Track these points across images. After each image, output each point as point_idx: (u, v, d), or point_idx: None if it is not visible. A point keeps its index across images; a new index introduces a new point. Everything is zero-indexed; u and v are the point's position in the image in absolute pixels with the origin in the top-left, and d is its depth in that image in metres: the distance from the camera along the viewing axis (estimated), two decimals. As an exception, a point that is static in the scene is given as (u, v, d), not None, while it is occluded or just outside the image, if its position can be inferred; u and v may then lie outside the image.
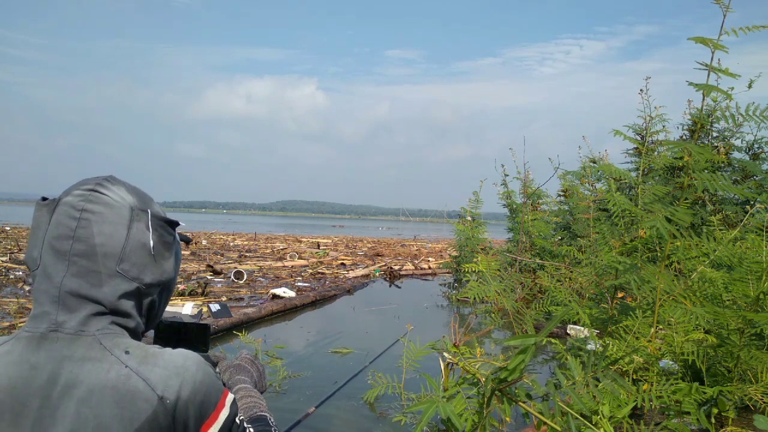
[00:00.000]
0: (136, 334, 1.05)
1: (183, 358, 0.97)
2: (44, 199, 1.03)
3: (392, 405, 4.01)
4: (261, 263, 13.96)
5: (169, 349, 0.99)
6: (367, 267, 14.43)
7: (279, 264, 14.09)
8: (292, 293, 8.71)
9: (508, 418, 1.60)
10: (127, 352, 0.94)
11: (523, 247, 8.74)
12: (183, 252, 16.33)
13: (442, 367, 2.35)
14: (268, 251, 18.40)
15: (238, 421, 1.02)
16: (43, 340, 0.95)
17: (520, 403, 1.50)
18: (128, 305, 1.01)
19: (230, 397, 1.01)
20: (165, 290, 1.13)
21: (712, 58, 2.41)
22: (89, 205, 0.99)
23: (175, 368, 0.94)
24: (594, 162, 8.62)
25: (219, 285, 9.78)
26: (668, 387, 2.66)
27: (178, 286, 8.94)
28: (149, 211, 1.06)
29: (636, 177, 3.73)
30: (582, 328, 3.95)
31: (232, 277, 10.33)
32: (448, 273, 13.63)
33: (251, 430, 1.07)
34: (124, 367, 0.92)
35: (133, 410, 0.89)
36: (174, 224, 1.12)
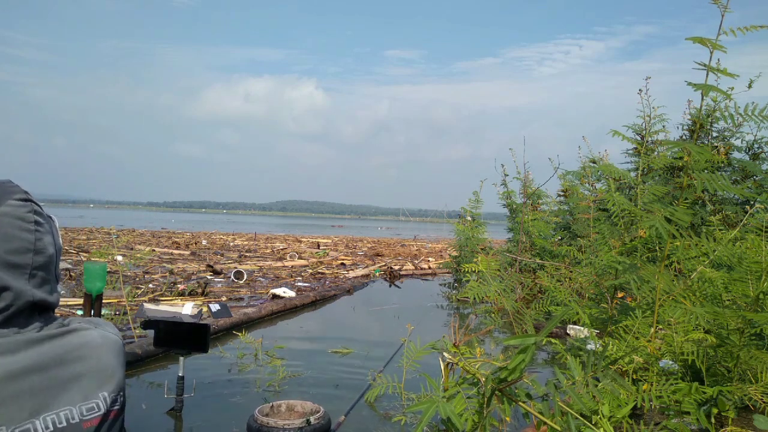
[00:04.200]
0: None
1: (103, 320, 1.19)
2: None
3: (393, 405, 4.01)
4: (261, 263, 13.96)
5: (85, 319, 1.17)
6: (367, 267, 14.43)
7: (279, 264, 14.09)
8: (292, 293, 8.71)
9: (508, 418, 1.60)
10: (80, 323, 1.11)
11: (523, 247, 8.74)
12: (183, 252, 16.34)
13: (442, 367, 2.35)
14: (268, 251, 18.40)
15: None
16: (13, 335, 0.99)
17: (520, 403, 1.50)
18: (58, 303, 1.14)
19: None
20: None
21: (710, 58, 2.41)
22: (37, 217, 1.03)
23: (113, 326, 1.17)
24: (594, 162, 8.63)
25: (219, 285, 9.78)
26: (668, 387, 2.67)
27: (178, 286, 8.94)
28: (53, 216, 1.15)
29: (635, 177, 3.73)
30: (582, 328, 3.95)
31: (232, 277, 10.33)
32: (448, 273, 13.63)
33: None
34: (95, 328, 1.10)
35: (119, 353, 1.10)
36: None
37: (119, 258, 9.70)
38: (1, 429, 0.93)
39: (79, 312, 6.29)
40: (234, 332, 5.98)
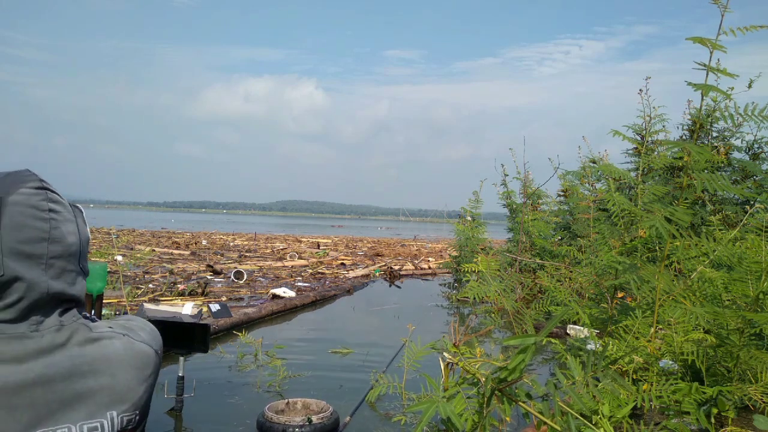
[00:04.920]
0: None
1: (143, 321, 1.15)
2: None
3: (394, 405, 4.01)
4: (261, 263, 13.96)
5: (122, 320, 1.13)
6: (367, 267, 14.43)
7: (279, 264, 14.09)
8: (292, 293, 8.71)
9: (508, 418, 1.60)
10: (110, 327, 1.05)
11: (523, 247, 8.74)
12: (183, 252, 16.34)
13: (442, 367, 2.35)
14: (268, 251, 18.40)
15: None
16: (25, 338, 0.94)
17: (520, 403, 1.50)
18: (84, 296, 1.09)
19: None
20: None
21: (710, 58, 2.41)
22: (53, 205, 0.98)
23: (147, 327, 1.13)
24: (594, 162, 8.63)
25: (219, 285, 9.78)
26: (668, 387, 2.67)
27: (178, 286, 8.94)
28: (80, 207, 1.10)
29: (635, 177, 3.73)
30: (582, 328, 3.95)
31: (232, 277, 10.33)
32: (448, 273, 13.63)
33: None
34: (123, 336, 1.04)
35: (144, 367, 1.04)
36: None
37: (119, 258, 9.70)
38: None
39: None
40: (234, 332, 5.98)
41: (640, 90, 3.68)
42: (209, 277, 10.58)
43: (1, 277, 0.94)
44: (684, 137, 7.31)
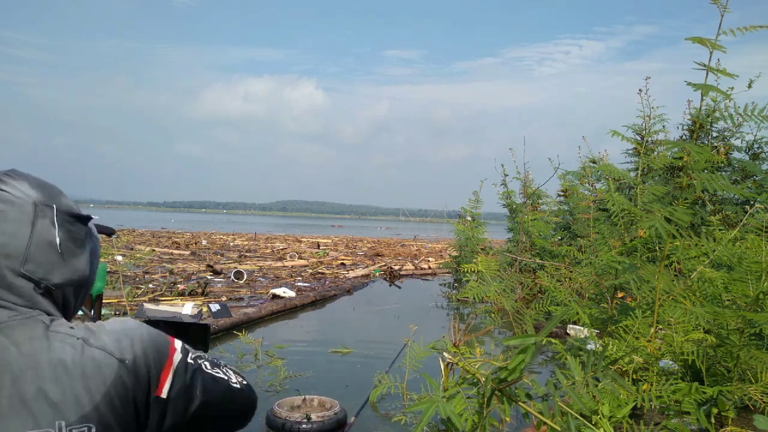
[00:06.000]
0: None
1: (122, 322, 0.98)
2: None
3: (395, 405, 4.01)
4: (261, 263, 13.96)
5: (105, 321, 1.00)
6: (367, 267, 14.42)
7: (279, 264, 14.09)
8: (292, 293, 8.70)
9: (508, 418, 1.60)
10: (72, 328, 0.93)
11: (523, 247, 8.74)
12: (183, 252, 16.32)
13: (442, 367, 2.36)
14: (268, 251, 18.39)
15: (191, 360, 1.01)
16: None
17: (520, 403, 1.50)
18: (41, 302, 0.96)
19: (178, 341, 1.02)
20: (80, 288, 1.07)
21: (710, 59, 2.41)
22: None
23: (123, 331, 0.95)
24: (594, 162, 8.63)
25: (219, 285, 9.78)
26: (668, 387, 2.66)
27: (178, 286, 8.93)
28: (54, 206, 0.99)
29: (635, 177, 3.73)
30: (582, 328, 3.95)
31: (232, 277, 10.33)
32: (448, 273, 13.63)
33: (206, 363, 1.04)
34: (77, 340, 0.91)
35: (97, 378, 0.89)
36: (85, 219, 1.06)
37: (119, 258, 9.70)
38: None
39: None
40: (234, 332, 5.98)
41: (640, 90, 3.68)
42: (209, 277, 10.58)
43: None
44: (684, 137, 7.31)
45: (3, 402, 0.87)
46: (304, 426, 2.97)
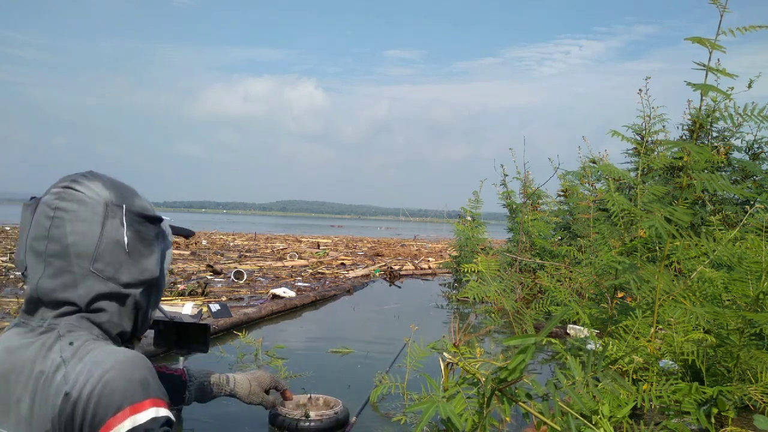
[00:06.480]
0: (112, 333, 1.00)
1: (106, 354, 0.88)
2: (33, 198, 1.01)
3: (395, 405, 4.01)
4: (261, 263, 13.96)
5: (110, 347, 0.92)
6: (367, 267, 14.43)
7: (279, 264, 14.09)
8: (292, 293, 8.71)
9: (508, 418, 1.60)
10: (70, 344, 0.90)
11: (523, 247, 8.74)
12: (183, 252, 16.30)
13: (442, 367, 2.36)
14: (268, 251, 18.40)
15: None
16: (24, 332, 0.95)
17: (520, 403, 1.50)
18: (104, 305, 0.97)
19: (142, 415, 0.83)
20: (150, 289, 1.07)
21: (710, 59, 2.41)
22: (62, 203, 0.96)
23: (92, 363, 0.87)
24: (594, 162, 8.63)
25: (219, 285, 9.78)
26: (668, 387, 2.67)
27: (178, 286, 8.93)
28: (124, 206, 1.01)
29: (635, 177, 3.73)
30: (582, 328, 3.95)
31: (232, 277, 10.33)
32: (448, 273, 13.63)
33: None
34: (59, 357, 0.89)
35: (49, 403, 0.86)
36: (155, 220, 1.07)
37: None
38: None
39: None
40: (234, 332, 5.98)
41: (640, 90, 3.68)
42: (209, 277, 10.58)
43: (23, 270, 0.98)
44: (684, 137, 7.31)
45: (7, 398, 0.89)
46: (301, 424, 2.98)
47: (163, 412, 0.85)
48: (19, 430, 0.85)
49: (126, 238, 0.99)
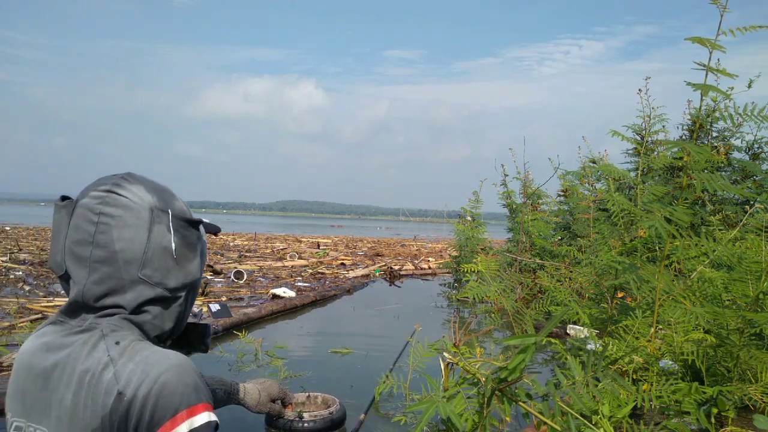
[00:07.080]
0: (151, 335, 1.01)
1: (159, 356, 0.89)
2: (63, 198, 0.98)
3: (395, 405, 4.01)
4: (261, 263, 13.96)
5: (160, 349, 0.93)
6: (367, 267, 14.43)
7: (279, 264, 14.09)
8: (292, 293, 8.71)
9: (508, 418, 1.61)
10: (117, 343, 0.90)
11: (523, 247, 8.74)
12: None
13: (442, 367, 2.36)
14: (268, 251, 18.40)
15: None
16: (62, 330, 0.95)
17: (520, 402, 1.50)
18: (149, 308, 0.97)
19: (198, 418, 0.87)
20: (191, 291, 1.09)
21: (710, 59, 2.41)
22: (107, 209, 0.94)
23: (145, 365, 0.87)
24: (594, 162, 8.63)
25: (219, 285, 9.78)
26: (668, 387, 2.67)
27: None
28: (170, 211, 1.01)
29: (635, 177, 3.74)
30: (582, 328, 3.95)
31: (232, 277, 10.33)
32: (448, 273, 13.63)
33: None
34: (107, 356, 0.89)
35: (98, 401, 0.86)
36: (197, 223, 1.08)
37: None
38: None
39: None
40: (234, 332, 5.98)
41: (640, 90, 3.69)
42: (209, 277, 10.59)
43: (62, 273, 0.96)
44: (684, 137, 7.31)
45: (38, 397, 0.90)
46: (295, 425, 2.98)
47: (214, 417, 0.90)
48: (61, 427, 0.86)
49: (173, 244, 1.00)
